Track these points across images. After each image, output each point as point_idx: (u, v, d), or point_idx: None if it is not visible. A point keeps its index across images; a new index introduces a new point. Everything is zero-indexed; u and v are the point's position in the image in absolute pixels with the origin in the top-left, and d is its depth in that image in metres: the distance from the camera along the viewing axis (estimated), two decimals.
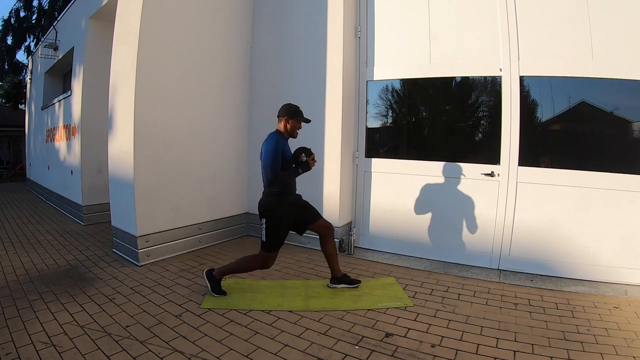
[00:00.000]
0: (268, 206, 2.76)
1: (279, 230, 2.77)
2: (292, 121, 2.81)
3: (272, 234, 2.75)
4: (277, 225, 2.75)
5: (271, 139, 2.73)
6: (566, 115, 3.33)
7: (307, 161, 2.79)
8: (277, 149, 2.67)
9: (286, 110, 2.83)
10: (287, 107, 2.85)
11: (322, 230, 2.96)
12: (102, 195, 5.29)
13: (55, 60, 6.83)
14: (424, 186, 3.76)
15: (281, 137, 2.78)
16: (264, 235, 2.75)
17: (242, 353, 2.10)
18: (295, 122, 2.83)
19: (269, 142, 2.71)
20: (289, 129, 2.82)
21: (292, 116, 2.81)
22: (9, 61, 13.91)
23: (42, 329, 2.32)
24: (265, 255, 2.79)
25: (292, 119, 2.81)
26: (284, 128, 2.82)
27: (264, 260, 2.81)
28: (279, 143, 2.70)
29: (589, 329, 2.35)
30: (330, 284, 3.04)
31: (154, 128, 3.66)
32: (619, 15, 3.00)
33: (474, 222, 3.55)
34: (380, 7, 3.99)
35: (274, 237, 2.76)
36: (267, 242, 2.76)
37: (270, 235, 2.74)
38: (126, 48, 3.62)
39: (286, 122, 2.81)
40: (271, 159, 2.65)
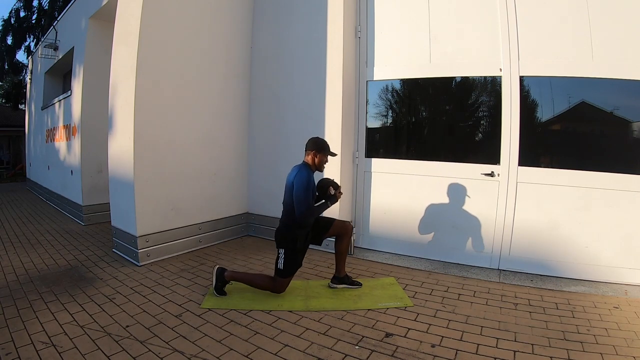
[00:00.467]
0: (288, 238, 2.78)
1: (296, 259, 2.82)
2: (320, 155, 2.86)
3: (290, 264, 2.79)
4: (295, 256, 2.81)
5: (303, 173, 2.74)
6: (566, 115, 3.33)
7: (335, 195, 2.88)
8: (309, 184, 2.73)
9: (315, 144, 2.87)
10: (315, 142, 2.89)
11: (340, 231, 3.00)
12: (102, 195, 5.29)
13: (55, 60, 6.83)
14: (424, 186, 3.76)
15: (310, 171, 2.82)
16: (282, 265, 2.78)
17: (242, 353, 2.10)
18: (323, 157, 2.87)
19: (301, 177, 2.72)
20: (316, 163, 2.87)
21: (321, 151, 2.85)
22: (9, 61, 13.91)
23: (42, 329, 2.32)
24: (282, 281, 2.83)
25: (321, 153, 2.85)
26: (312, 162, 2.86)
27: (281, 286, 2.84)
28: (311, 178, 2.76)
29: (589, 329, 2.35)
30: (331, 284, 3.05)
31: (154, 128, 3.66)
32: (619, 15, 3.00)
33: (474, 222, 3.55)
34: (380, 7, 3.99)
35: (292, 266, 2.81)
36: (284, 271, 2.79)
37: (288, 264, 2.78)
38: (126, 48, 3.62)
39: (314, 156, 2.85)
40: (304, 194, 2.68)
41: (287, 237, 2.78)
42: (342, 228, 3.00)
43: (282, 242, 2.80)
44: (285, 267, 2.78)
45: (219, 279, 2.85)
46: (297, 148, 4.23)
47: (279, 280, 2.82)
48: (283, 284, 2.83)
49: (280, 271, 2.80)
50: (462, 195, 3.58)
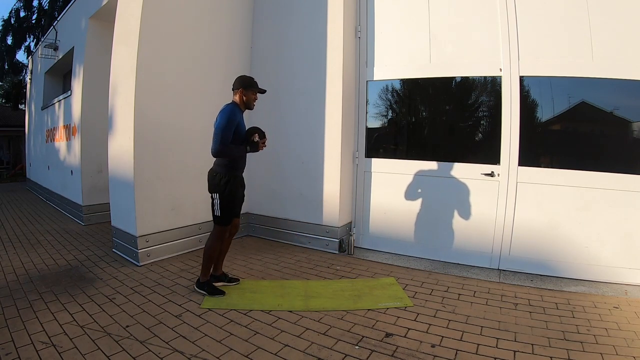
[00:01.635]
0: (222, 180, 2.73)
1: (233, 204, 2.78)
2: (248, 92, 2.80)
3: (227, 208, 2.75)
4: (232, 200, 2.76)
5: (226, 110, 2.71)
6: (566, 115, 3.33)
7: (257, 142, 2.79)
8: (231, 120, 2.65)
9: (241, 82, 2.81)
10: (241, 79, 2.83)
11: (234, 229, 2.99)
12: (102, 195, 5.29)
13: (55, 60, 6.83)
14: (424, 186, 3.76)
15: (237, 108, 2.77)
16: (218, 210, 2.74)
17: (242, 353, 2.10)
18: (251, 94, 2.82)
19: (223, 113, 2.70)
20: (245, 101, 2.81)
21: (247, 87, 2.80)
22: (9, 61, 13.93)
23: (42, 329, 2.32)
24: (221, 229, 2.79)
25: (248, 90, 2.80)
26: (240, 100, 2.81)
27: (221, 234, 2.80)
28: (234, 115, 2.70)
29: (589, 329, 2.35)
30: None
31: (154, 128, 3.66)
32: (618, 15, 3.00)
33: (474, 222, 3.55)
34: (380, 7, 3.99)
35: (229, 211, 2.76)
36: (221, 217, 2.75)
37: (224, 209, 2.74)
38: (126, 48, 3.62)
39: (242, 94, 2.79)
40: (222, 129, 2.62)
41: (219, 179, 2.73)
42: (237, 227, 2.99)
43: (215, 187, 2.74)
44: (222, 213, 2.73)
45: (201, 287, 2.85)
46: (297, 148, 4.25)
47: (217, 229, 2.78)
48: (223, 231, 2.79)
49: (218, 218, 2.76)
50: (462, 195, 3.58)
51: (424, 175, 3.76)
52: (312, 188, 4.14)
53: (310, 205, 4.17)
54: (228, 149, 2.67)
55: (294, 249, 4.13)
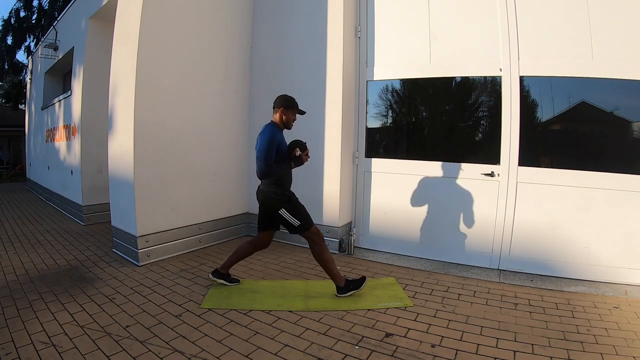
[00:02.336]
0: (280, 198, 2.74)
1: (302, 208, 2.80)
2: (288, 113, 2.81)
3: (301, 214, 2.76)
4: (298, 205, 2.79)
5: (266, 130, 2.72)
6: (566, 115, 3.33)
7: (300, 156, 2.79)
8: (272, 140, 2.66)
9: (282, 101, 2.82)
10: (283, 98, 2.84)
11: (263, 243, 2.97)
12: (102, 195, 5.29)
13: (55, 60, 6.83)
14: (424, 186, 3.76)
15: (276, 128, 2.78)
16: (295, 221, 2.73)
17: (242, 353, 2.10)
18: (291, 114, 2.82)
19: (264, 134, 2.70)
20: (284, 120, 2.82)
21: (288, 108, 2.80)
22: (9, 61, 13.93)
23: (42, 329, 2.32)
24: (311, 233, 2.78)
25: (288, 110, 2.80)
26: (280, 119, 2.81)
27: (316, 237, 2.78)
28: (275, 135, 2.71)
29: (589, 329, 2.35)
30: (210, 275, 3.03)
31: (154, 128, 3.65)
32: (619, 15, 3.00)
33: (474, 222, 3.55)
34: (380, 7, 3.99)
35: (305, 215, 2.78)
36: (303, 223, 2.75)
37: (300, 216, 2.75)
38: (126, 48, 3.62)
39: (282, 113, 2.80)
40: (265, 150, 2.63)
41: (276, 195, 2.73)
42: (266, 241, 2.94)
43: (276, 205, 2.74)
44: (300, 219, 2.74)
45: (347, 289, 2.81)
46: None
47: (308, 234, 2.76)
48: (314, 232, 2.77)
49: (300, 226, 2.75)
50: (462, 195, 3.58)
51: (424, 175, 3.76)
52: (312, 188, 4.14)
53: (310, 205, 4.11)
54: (273, 168, 2.69)
55: (294, 249, 4.13)
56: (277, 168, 2.72)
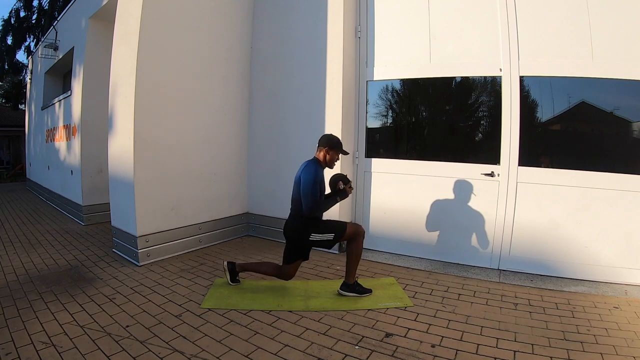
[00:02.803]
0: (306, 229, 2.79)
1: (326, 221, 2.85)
2: (332, 152, 2.84)
3: (328, 226, 2.81)
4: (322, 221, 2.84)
5: (311, 168, 2.76)
6: (566, 115, 3.33)
7: (344, 189, 2.88)
8: (317, 178, 2.73)
9: (328, 141, 2.86)
10: (329, 138, 2.88)
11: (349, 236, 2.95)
12: (102, 195, 5.29)
13: (55, 60, 6.83)
14: (424, 186, 3.76)
15: (320, 167, 2.83)
16: (328, 235, 2.78)
17: (242, 353, 2.10)
18: (335, 154, 2.86)
19: (308, 171, 2.73)
20: (327, 160, 2.85)
21: (333, 148, 2.84)
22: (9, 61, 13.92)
23: (42, 329, 2.32)
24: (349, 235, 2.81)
25: (333, 150, 2.84)
26: (323, 158, 2.85)
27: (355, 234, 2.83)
28: (319, 173, 2.77)
29: (589, 329, 2.35)
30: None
31: (154, 128, 3.66)
32: (619, 15, 3.00)
33: (474, 222, 3.55)
34: (380, 7, 3.99)
35: (333, 224, 2.82)
36: (336, 235, 2.79)
37: (330, 228, 2.79)
38: (126, 48, 3.62)
39: (326, 152, 2.84)
40: (311, 187, 2.69)
41: (304, 227, 2.78)
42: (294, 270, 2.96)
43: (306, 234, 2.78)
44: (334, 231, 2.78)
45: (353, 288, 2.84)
46: (297, 148, 4.25)
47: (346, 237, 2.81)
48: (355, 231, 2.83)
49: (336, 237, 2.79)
50: (462, 195, 3.58)
51: (424, 175, 3.76)
52: None
53: None
54: (321, 204, 2.75)
55: None
56: (326, 204, 2.81)
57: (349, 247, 2.85)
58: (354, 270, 2.85)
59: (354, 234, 2.83)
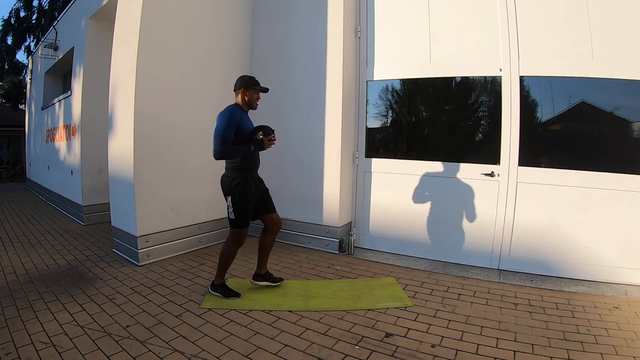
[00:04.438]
0: (233, 183, 2.68)
1: (247, 206, 2.73)
2: (250, 92, 2.76)
3: (241, 211, 2.70)
4: (245, 202, 2.71)
5: (225, 111, 2.68)
6: (566, 115, 3.33)
7: (262, 140, 2.70)
8: (231, 120, 2.61)
9: (242, 82, 2.78)
10: (242, 79, 2.81)
11: (273, 226, 2.95)
12: (102, 195, 5.28)
13: (55, 60, 6.83)
14: (424, 186, 3.76)
15: (238, 109, 2.73)
16: (232, 214, 2.70)
17: (242, 353, 2.10)
18: (253, 93, 2.78)
19: (222, 114, 2.65)
20: (247, 101, 2.77)
21: (249, 87, 2.76)
22: (9, 61, 13.92)
23: (42, 329, 2.32)
24: (237, 232, 2.75)
25: (249, 89, 2.76)
26: (242, 100, 2.77)
27: (238, 238, 2.76)
28: (234, 114, 2.65)
29: (589, 329, 2.35)
30: (252, 281, 3.01)
31: (154, 128, 3.66)
32: (619, 15, 3.00)
33: (474, 222, 3.55)
34: (380, 7, 3.99)
35: (243, 214, 2.72)
36: (236, 220, 2.72)
37: (238, 212, 2.70)
38: (126, 48, 3.61)
39: (243, 93, 2.76)
40: (222, 129, 2.57)
41: (231, 182, 2.68)
42: (276, 224, 2.94)
43: (228, 191, 2.70)
44: (236, 216, 2.69)
45: (216, 289, 2.82)
46: (297, 148, 4.25)
47: (234, 231, 2.74)
48: (240, 234, 2.75)
49: (233, 221, 2.72)
50: (462, 195, 3.58)
51: (424, 175, 3.76)
52: (312, 188, 4.14)
53: (310, 205, 4.17)
54: (229, 149, 2.61)
55: (294, 249, 4.13)
56: (235, 149, 2.64)
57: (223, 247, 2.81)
58: (222, 272, 2.82)
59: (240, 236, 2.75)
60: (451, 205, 3.64)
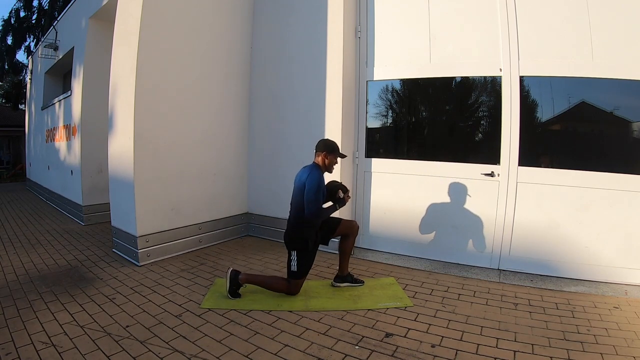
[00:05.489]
0: (298, 239, 2.80)
1: (309, 259, 2.85)
2: (331, 157, 2.88)
3: (303, 264, 2.81)
4: (307, 256, 2.83)
5: (314, 173, 2.77)
6: (566, 115, 3.33)
7: (343, 198, 2.91)
8: (320, 185, 2.76)
9: (326, 145, 2.90)
10: (326, 143, 2.92)
11: (349, 230, 3.06)
12: (102, 195, 5.29)
13: (55, 60, 6.83)
14: (424, 186, 3.76)
15: (321, 172, 2.86)
16: (295, 267, 2.80)
17: (242, 353, 2.10)
18: (333, 158, 2.90)
19: (312, 178, 2.75)
20: (326, 164, 2.89)
21: (331, 152, 2.88)
22: (9, 61, 13.92)
23: (42, 329, 2.32)
24: (296, 282, 2.85)
25: (331, 154, 2.88)
26: (322, 163, 2.88)
27: (295, 287, 2.86)
28: (322, 179, 2.80)
29: (589, 329, 2.35)
30: (334, 282, 3.09)
31: (154, 128, 3.66)
32: (619, 15, 3.00)
33: (474, 222, 3.55)
34: (380, 7, 3.99)
35: (305, 267, 2.83)
36: (298, 272, 2.81)
37: (301, 265, 2.80)
38: (126, 48, 3.62)
39: (324, 157, 2.87)
40: (315, 194, 2.71)
41: (298, 238, 2.80)
42: (349, 228, 3.05)
43: (293, 244, 2.81)
44: (299, 269, 2.80)
45: (234, 282, 2.81)
46: (297, 148, 4.25)
47: (293, 282, 2.84)
48: (297, 285, 2.86)
49: (294, 273, 2.81)
50: (462, 195, 3.58)
51: (424, 175, 3.76)
52: None
53: None
54: (323, 211, 2.78)
55: None
56: (326, 211, 2.83)
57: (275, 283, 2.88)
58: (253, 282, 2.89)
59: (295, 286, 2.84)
60: (451, 205, 3.64)
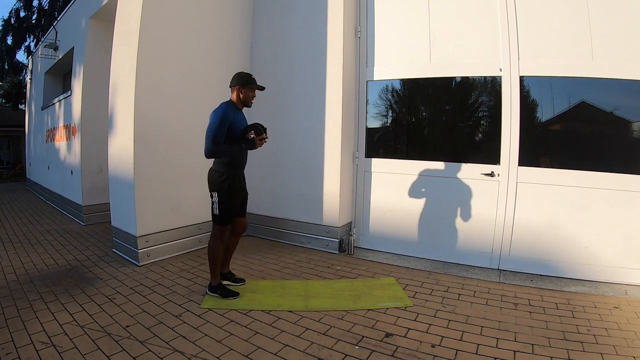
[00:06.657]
0: (220, 179, 2.68)
1: (232, 203, 2.74)
2: (245, 90, 2.75)
3: (225, 207, 2.71)
4: (231, 198, 2.72)
5: (219, 108, 2.64)
6: (566, 115, 3.33)
7: (253, 139, 2.69)
8: (224, 119, 2.58)
9: (238, 79, 2.76)
10: (238, 76, 2.78)
11: (240, 228, 2.95)
12: (102, 195, 5.29)
13: (55, 60, 6.83)
14: (424, 186, 3.76)
15: (232, 107, 2.70)
16: (217, 209, 2.70)
17: (242, 353, 2.10)
18: (249, 91, 2.76)
19: (215, 112, 2.62)
20: (242, 98, 2.76)
21: (245, 85, 2.74)
22: (9, 61, 13.91)
23: (42, 329, 2.32)
24: (220, 228, 2.75)
25: (245, 87, 2.74)
26: (237, 98, 2.76)
27: (221, 233, 2.76)
28: (227, 113, 2.62)
29: (589, 329, 2.35)
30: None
31: (154, 128, 3.66)
32: (619, 15, 3.00)
33: (474, 222, 3.55)
34: (380, 7, 3.99)
35: (228, 210, 2.73)
36: (219, 216, 2.72)
37: (223, 208, 2.70)
38: (126, 48, 3.61)
39: (238, 91, 2.74)
40: (215, 128, 2.55)
41: (217, 177, 2.68)
42: (243, 227, 2.96)
43: (214, 187, 2.71)
44: (220, 212, 2.70)
45: (214, 290, 2.81)
46: (297, 148, 4.26)
47: (217, 228, 2.75)
48: (223, 230, 2.76)
49: (216, 217, 2.73)
50: (462, 195, 3.58)
51: (424, 175, 3.76)
52: (312, 188, 4.14)
53: (310, 205, 4.17)
54: (220, 148, 2.59)
55: (294, 249, 4.13)
56: (226, 149, 2.63)
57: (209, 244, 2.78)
58: (216, 272, 2.81)
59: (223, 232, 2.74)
60: (451, 205, 3.64)
